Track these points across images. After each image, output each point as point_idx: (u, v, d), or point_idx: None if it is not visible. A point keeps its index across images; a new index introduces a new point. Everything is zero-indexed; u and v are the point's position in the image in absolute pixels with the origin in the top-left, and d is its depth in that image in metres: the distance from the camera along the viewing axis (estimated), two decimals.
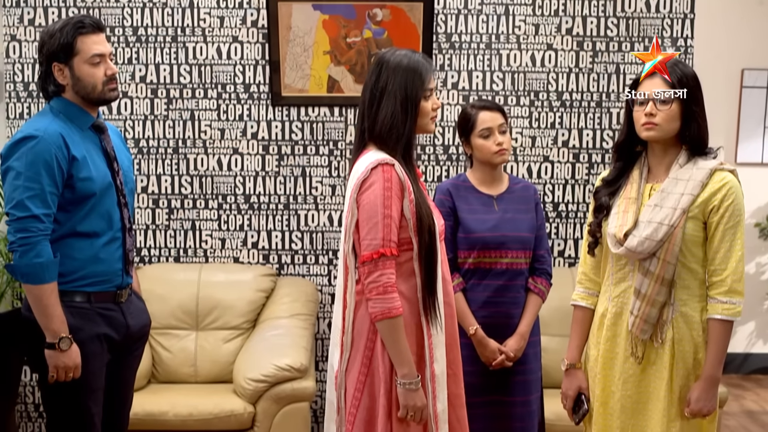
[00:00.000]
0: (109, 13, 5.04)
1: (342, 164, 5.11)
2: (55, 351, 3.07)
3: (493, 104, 3.67)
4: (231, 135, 5.11)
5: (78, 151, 3.13)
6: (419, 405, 2.85)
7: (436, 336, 2.91)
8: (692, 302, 2.91)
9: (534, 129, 5.11)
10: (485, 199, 3.67)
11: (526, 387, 3.62)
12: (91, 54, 3.17)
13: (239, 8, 5.04)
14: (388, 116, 2.90)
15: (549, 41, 5.09)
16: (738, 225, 2.88)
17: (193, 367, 4.76)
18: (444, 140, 5.12)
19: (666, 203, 2.89)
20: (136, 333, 3.37)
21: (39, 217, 3.04)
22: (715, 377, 2.88)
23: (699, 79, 2.96)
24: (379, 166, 2.86)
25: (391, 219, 2.83)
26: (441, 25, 5.05)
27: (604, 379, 3.02)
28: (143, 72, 5.07)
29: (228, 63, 5.08)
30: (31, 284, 3.06)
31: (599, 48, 5.08)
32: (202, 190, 5.13)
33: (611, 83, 5.10)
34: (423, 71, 2.94)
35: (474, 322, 3.57)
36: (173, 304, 4.84)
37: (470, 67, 5.10)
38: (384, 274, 2.82)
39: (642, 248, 2.88)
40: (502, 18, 5.07)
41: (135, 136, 5.10)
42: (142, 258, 5.16)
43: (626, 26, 5.07)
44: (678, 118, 2.90)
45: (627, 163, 3.07)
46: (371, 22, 4.97)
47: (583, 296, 3.15)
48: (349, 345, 2.95)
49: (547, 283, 3.68)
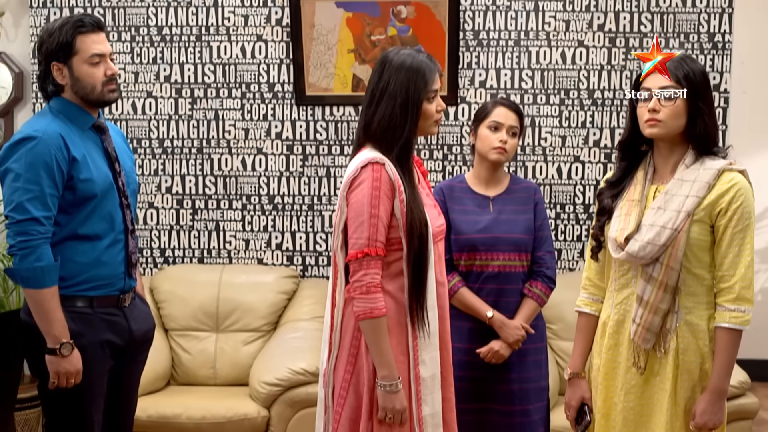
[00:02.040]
0: (134, 13, 5.02)
1: None
2: (56, 357, 2.99)
3: (515, 105, 3.57)
4: (255, 135, 5.05)
5: (78, 152, 3.05)
6: (398, 408, 2.78)
7: (423, 339, 2.84)
8: (698, 310, 2.75)
9: (564, 128, 4.96)
10: (480, 200, 3.57)
11: (524, 396, 3.49)
12: (91, 54, 3.08)
13: (263, 6, 4.99)
14: (386, 116, 2.83)
15: (580, 38, 4.93)
16: (747, 229, 2.71)
17: (212, 369, 4.71)
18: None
19: (670, 206, 2.74)
20: (140, 338, 3.27)
21: (39, 220, 2.95)
22: (722, 389, 2.72)
23: (707, 76, 2.80)
24: (369, 164, 2.80)
25: (378, 219, 2.76)
26: (468, 22, 4.93)
27: (605, 390, 2.88)
28: (168, 72, 5.05)
29: (252, 62, 5.02)
30: (31, 288, 2.98)
31: (632, 44, 4.90)
32: (226, 191, 5.09)
33: None
34: (426, 72, 2.84)
35: (488, 307, 3.48)
36: (194, 305, 4.80)
37: (498, 65, 4.97)
38: (368, 273, 2.76)
39: (644, 253, 2.73)
40: (532, 14, 4.93)
41: (159, 136, 5.07)
42: (166, 259, 5.13)
43: (660, 22, 4.89)
44: (683, 115, 2.75)
45: (632, 164, 2.92)
46: (396, 19, 4.87)
47: (587, 302, 3.01)
48: (337, 343, 2.90)
49: (544, 286, 3.54)
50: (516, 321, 3.49)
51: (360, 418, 2.85)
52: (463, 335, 3.52)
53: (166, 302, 4.83)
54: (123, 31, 5.03)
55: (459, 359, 3.50)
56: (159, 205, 5.11)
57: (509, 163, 4.95)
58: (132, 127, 5.08)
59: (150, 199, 5.10)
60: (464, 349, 3.51)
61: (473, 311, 3.49)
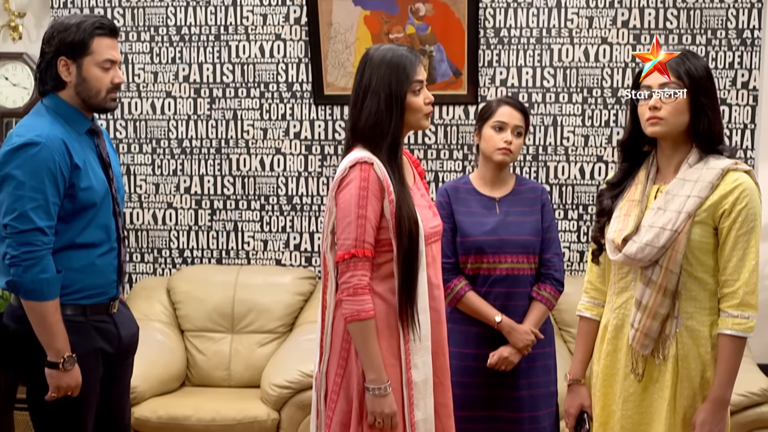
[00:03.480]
0: (153, 12, 5.01)
1: None
2: (59, 371, 2.90)
3: (520, 104, 3.48)
4: (273, 135, 5.01)
5: (80, 159, 2.96)
6: (387, 412, 2.72)
7: (415, 342, 2.78)
8: (700, 315, 2.64)
9: (587, 127, 4.84)
10: (486, 201, 3.48)
11: (533, 402, 3.39)
12: (105, 58, 3.00)
13: (282, 5, 4.94)
14: (371, 114, 2.78)
15: (603, 34, 4.80)
16: (752, 231, 2.59)
17: (226, 370, 4.68)
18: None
19: (670, 206, 2.63)
20: (128, 343, 3.21)
21: (43, 230, 2.85)
22: (724, 399, 2.60)
23: (710, 72, 2.69)
24: (357, 164, 2.75)
25: (365, 219, 2.71)
26: (489, 19, 4.83)
27: (603, 398, 2.78)
28: (186, 71, 5.03)
29: (271, 61, 4.98)
30: (34, 301, 2.88)
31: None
32: (245, 191, 5.05)
33: None
34: (407, 64, 2.80)
35: (496, 312, 3.39)
36: (210, 306, 4.77)
37: (519, 63, 4.86)
38: (355, 275, 2.71)
39: (642, 255, 2.62)
40: (554, 11, 4.81)
41: (178, 136, 5.05)
42: (184, 259, 5.11)
43: (687, 17, 4.75)
44: (685, 112, 2.64)
45: (633, 164, 2.81)
46: (414, 17, 4.80)
47: (589, 306, 2.91)
48: (328, 346, 2.86)
49: (553, 289, 3.44)
50: (525, 325, 3.40)
51: (350, 422, 2.80)
52: (471, 340, 3.44)
53: (182, 303, 4.81)
54: (142, 31, 5.02)
55: (466, 365, 3.43)
56: (177, 206, 5.09)
57: (531, 162, 4.86)
58: (151, 127, 5.06)
59: (169, 199, 5.09)
60: (472, 355, 3.43)
61: (481, 316, 3.40)
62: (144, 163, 5.08)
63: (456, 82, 4.85)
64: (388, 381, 2.72)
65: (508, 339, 3.38)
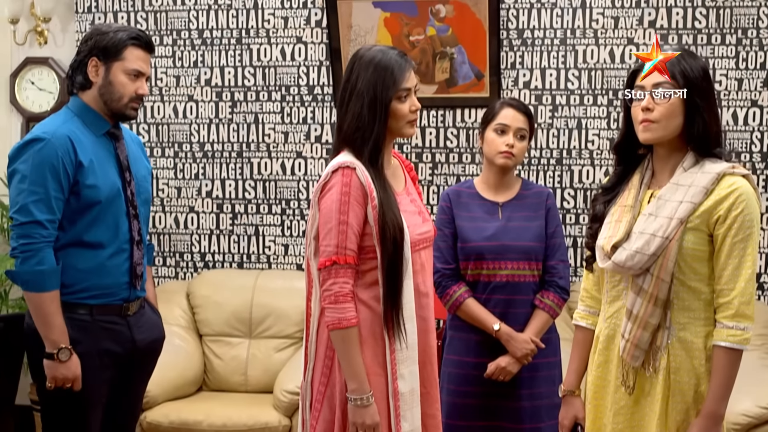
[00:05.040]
0: (175, 17, 5.01)
1: None
2: (54, 362, 2.96)
3: (523, 106, 3.39)
4: (294, 138, 4.97)
5: (85, 157, 3.01)
6: (368, 423, 2.65)
7: (401, 351, 2.71)
8: (694, 326, 2.51)
9: (612, 130, 4.71)
10: (489, 206, 3.38)
11: (535, 413, 3.29)
12: (133, 67, 3.07)
13: (303, 8, 4.90)
14: (354, 117, 2.72)
15: (630, 35, 4.68)
16: (749, 239, 2.46)
17: (243, 375, 4.65)
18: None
19: (662, 212, 2.51)
20: (145, 348, 3.21)
21: (42, 223, 2.93)
22: (718, 414, 2.47)
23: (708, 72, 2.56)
24: (339, 169, 2.69)
25: (347, 225, 2.64)
26: (512, 20, 4.74)
27: (594, 410, 2.67)
28: (208, 75, 5.02)
29: (292, 64, 4.95)
30: (32, 292, 2.96)
31: (686, 41, 4.62)
32: (266, 195, 5.03)
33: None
34: (395, 69, 2.72)
35: (495, 320, 3.30)
36: (228, 311, 4.75)
37: (543, 65, 4.76)
38: (336, 282, 2.65)
39: (632, 263, 2.51)
40: (579, 11, 4.70)
41: (200, 140, 5.05)
42: (206, 263, 5.10)
43: (716, 17, 4.59)
44: (680, 114, 2.51)
45: (629, 168, 2.70)
46: (434, 18, 4.72)
47: (584, 315, 2.80)
48: (312, 354, 2.81)
49: (557, 297, 3.33)
50: (525, 334, 3.31)
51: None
52: (471, 348, 3.36)
53: (201, 307, 4.80)
54: (165, 35, 5.03)
55: (466, 374, 3.35)
56: (199, 209, 5.08)
57: (555, 166, 4.75)
58: (173, 130, 5.07)
59: (190, 203, 5.08)
60: (471, 363, 3.35)
61: (480, 323, 3.32)
62: (166, 167, 5.09)
63: (478, 85, 4.76)
64: (370, 391, 2.66)
65: (507, 348, 3.29)
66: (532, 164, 4.77)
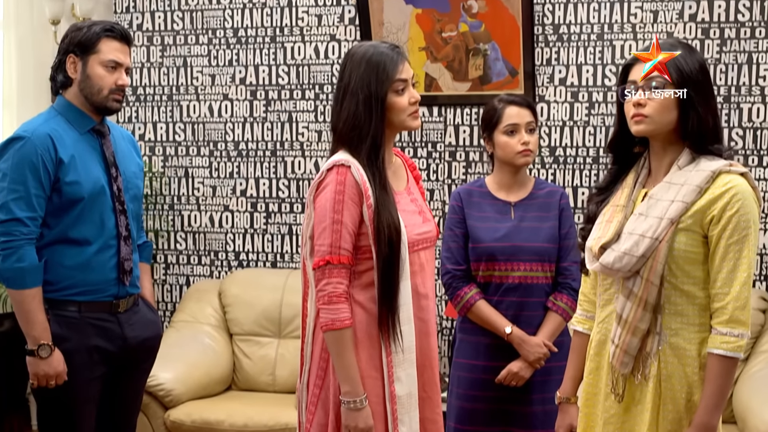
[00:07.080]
0: (211, 15, 5.02)
1: (441, 167, 4.80)
2: (35, 358, 2.98)
3: (523, 100, 3.29)
4: (328, 137, 4.92)
5: (66, 154, 3.02)
6: (361, 426, 2.59)
7: (397, 354, 2.65)
8: (687, 332, 2.38)
9: None
10: (501, 206, 3.30)
11: (548, 419, 3.17)
12: (110, 58, 3.08)
13: (336, 5, 4.86)
14: (350, 115, 2.66)
15: (669, 29, 4.51)
16: (745, 240, 2.32)
17: (271, 375, 4.63)
18: (550, 141, 4.67)
19: (652, 212, 2.39)
20: (137, 346, 3.20)
21: (23, 221, 2.95)
22: (710, 424, 2.33)
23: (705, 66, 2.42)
24: (334, 167, 2.64)
25: (341, 224, 2.59)
26: (548, 15, 4.62)
27: (586, 418, 2.56)
28: (243, 74, 5.01)
29: (325, 63, 4.91)
30: (13, 289, 2.99)
31: (728, 35, 4.44)
32: (299, 194, 5.00)
33: (742, 75, 4.44)
34: (387, 63, 2.66)
35: (507, 322, 3.22)
36: (258, 310, 4.74)
37: (579, 61, 4.62)
38: (330, 283, 2.60)
39: (620, 265, 2.39)
40: (616, 5, 4.55)
41: (235, 138, 5.04)
42: (240, 262, 5.09)
43: (760, 9, 4.40)
44: (673, 109, 2.39)
45: (624, 167, 2.58)
46: (467, 14, 4.63)
47: (581, 320, 2.69)
48: (308, 356, 2.76)
49: (570, 299, 3.22)
50: (537, 338, 3.21)
51: None
52: (481, 352, 3.28)
53: (231, 306, 4.79)
54: (201, 34, 5.04)
55: (476, 378, 3.28)
56: (234, 208, 5.08)
57: (591, 165, 4.61)
58: (208, 129, 5.07)
59: (225, 202, 5.08)
60: (482, 367, 3.27)
61: (491, 326, 3.23)
62: (202, 166, 5.10)
63: (512, 82, 4.65)
64: (364, 394, 2.60)
65: (519, 351, 3.20)
66: (568, 162, 4.65)
